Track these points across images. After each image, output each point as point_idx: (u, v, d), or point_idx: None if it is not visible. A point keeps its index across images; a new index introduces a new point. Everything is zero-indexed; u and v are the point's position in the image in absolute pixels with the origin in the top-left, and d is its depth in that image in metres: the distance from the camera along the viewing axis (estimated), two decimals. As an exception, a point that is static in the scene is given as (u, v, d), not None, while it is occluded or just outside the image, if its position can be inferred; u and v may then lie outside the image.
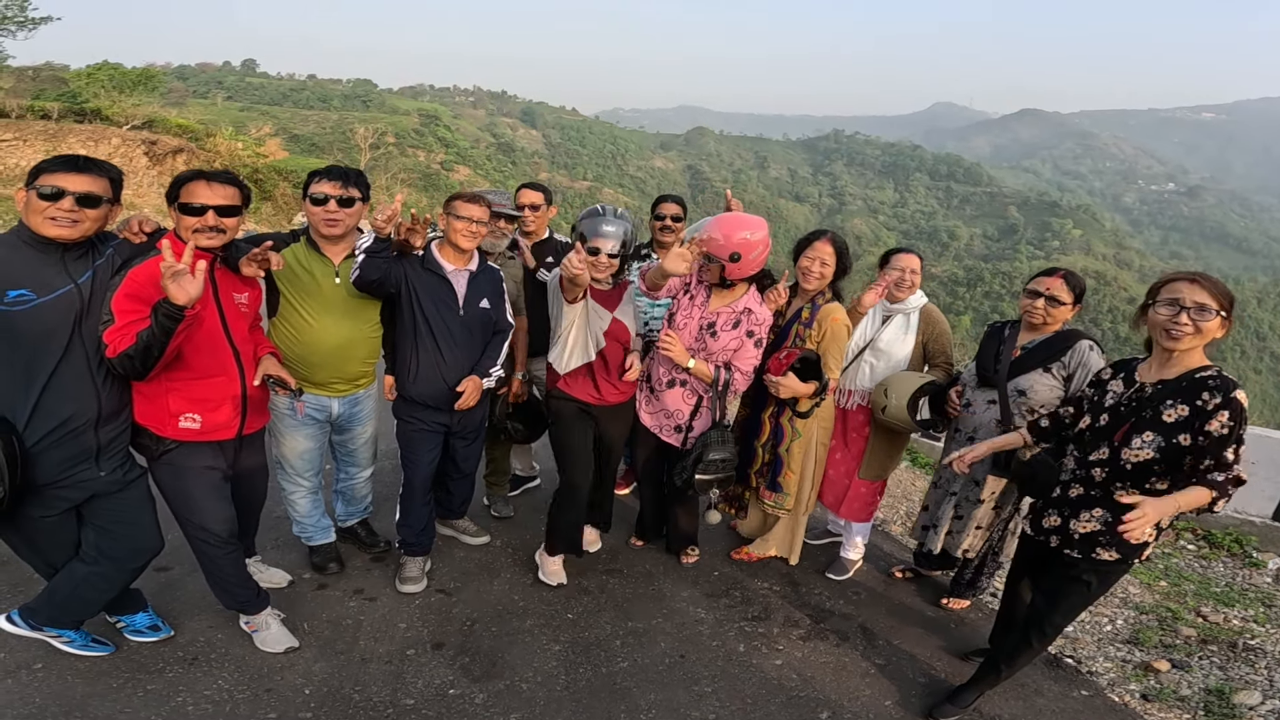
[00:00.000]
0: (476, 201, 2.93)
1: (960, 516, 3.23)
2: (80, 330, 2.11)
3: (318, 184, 2.73)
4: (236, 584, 2.67)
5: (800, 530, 3.63)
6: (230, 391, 2.45)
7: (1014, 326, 3.12)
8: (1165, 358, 2.28)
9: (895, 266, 3.38)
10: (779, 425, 3.35)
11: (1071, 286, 2.94)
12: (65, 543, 2.37)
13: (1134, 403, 2.32)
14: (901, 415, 3.22)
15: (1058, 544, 2.49)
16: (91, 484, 2.26)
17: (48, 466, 2.15)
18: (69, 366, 2.10)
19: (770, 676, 2.89)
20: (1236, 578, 4.32)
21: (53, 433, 2.12)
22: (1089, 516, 2.41)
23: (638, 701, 2.68)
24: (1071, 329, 3.00)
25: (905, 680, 2.95)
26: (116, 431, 2.28)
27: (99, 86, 21.10)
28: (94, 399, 2.17)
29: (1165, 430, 2.21)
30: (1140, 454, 2.25)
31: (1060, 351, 2.92)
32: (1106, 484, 2.37)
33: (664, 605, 3.31)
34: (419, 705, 2.56)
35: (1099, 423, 2.41)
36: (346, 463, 3.27)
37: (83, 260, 2.14)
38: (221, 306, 2.40)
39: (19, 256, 2.03)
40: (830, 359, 3.17)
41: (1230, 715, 2.90)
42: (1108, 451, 2.35)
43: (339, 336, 2.85)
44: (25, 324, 2.01)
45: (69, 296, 2.08)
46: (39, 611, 2.48)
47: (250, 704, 2.51)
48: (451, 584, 3.32)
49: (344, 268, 2.81)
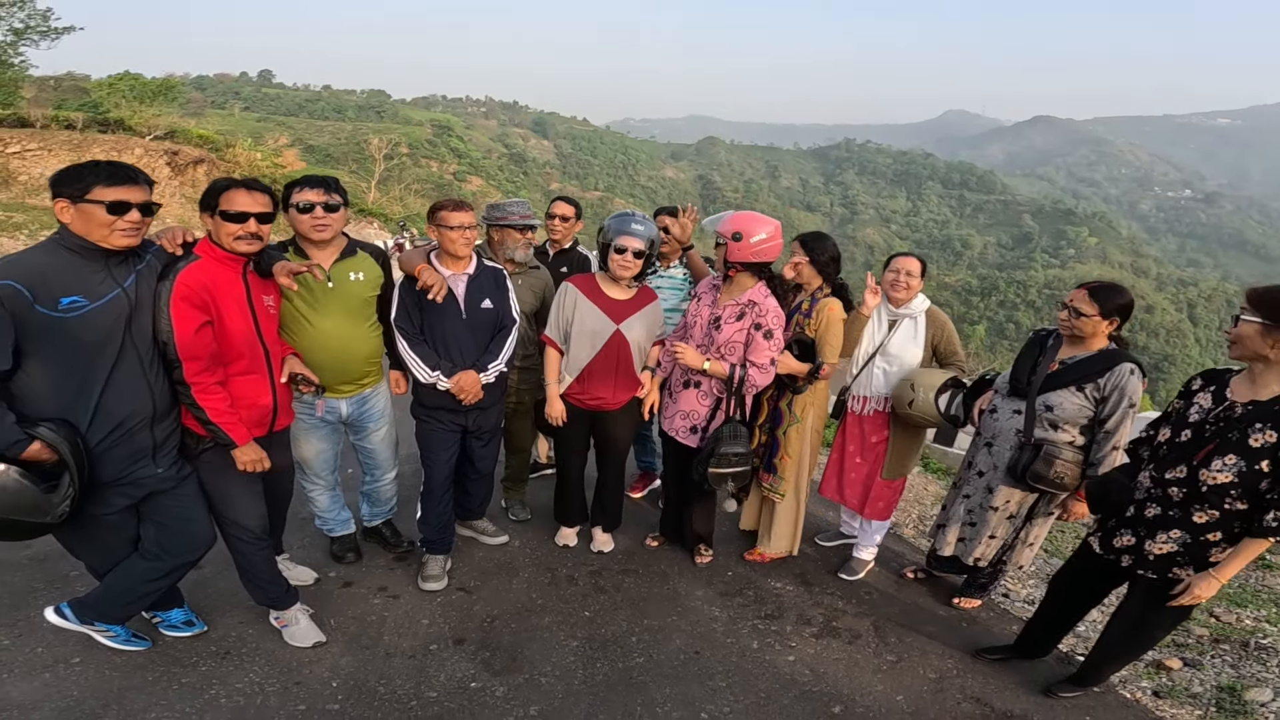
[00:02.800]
0: (461, 208, 3.04)
1: (973, 524, 3.28)
2: (131, 332, 2.21)
3: (300, 193, 2.80)
4: (268, 580, 2.77)
5: (800, 521, 3.72)
6: (264, 389, 2.57)
7: (1057, 337, 3.04)
8: (1260, 375, 2.21)
9: (893, 269, 3.48)
10: (777, 408, 3.49)
11: (1095, 298, 2.84)
12: (124, 540, 2.46)
13: (1221, 422, 2.24)
14: (929, 409, 3.28)
15: (1130, 563, 2.48)
16: (149, 481, 2.35)
17: (110, 465, 2.25)
18: (124, 368, 2.20)
19: (783, 672, 2.95)
20: (1250, 580, 4.35)
21: (113, 432, 2.22)
22: (1165, 538, 2.36)
23: (653, 695, 2.75)
24: (1117, 350, 2.90)
25: (917, 676, 3.00)
26: (170, 429, 2.39)
27: (120, 96, 21.48)
28: (149, 398, 2.27)
29: (1250, 455, 2.15)
30: (1219, 477, 2.20)
31: (1098, 373, 2.84)
32: (1185, 505, 2.31)
33: (679, 604, 3.38)
34: (441, 698, 2.65)
35: (1179, 438, 2.34)
36: (370, 465, 3.38)
37: (125, 265, 2.23)
38: (254, 309, 2.51)
39: (66, 264, 2.11)
40: (826, 345, 3.29)
41: (1241, 712, 2.93)
42: (1185, 470, 2.29)
43: (337, 338, 2.92)
44: (80, 330, 2.10)
45: (118, 301, 2.18)
46: (92, 607, 2.56)
47: (280, 696, 2.60)
48: (472, 582, 3.40)
49: (335, 271, 2.89)
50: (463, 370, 3.06)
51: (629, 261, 3.19)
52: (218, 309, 2.39)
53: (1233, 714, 2.92)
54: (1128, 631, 2.64)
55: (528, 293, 3.57)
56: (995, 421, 3.14)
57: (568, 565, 3.64)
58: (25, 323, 2.01)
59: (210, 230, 2.44)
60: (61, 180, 2.10)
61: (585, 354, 3.30)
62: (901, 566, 3.91)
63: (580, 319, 3.28)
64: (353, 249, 2.99)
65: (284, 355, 2.70)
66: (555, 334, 3.35)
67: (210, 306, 2.37)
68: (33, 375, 2.08)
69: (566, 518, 3.80)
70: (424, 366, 3.02)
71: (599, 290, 3.32)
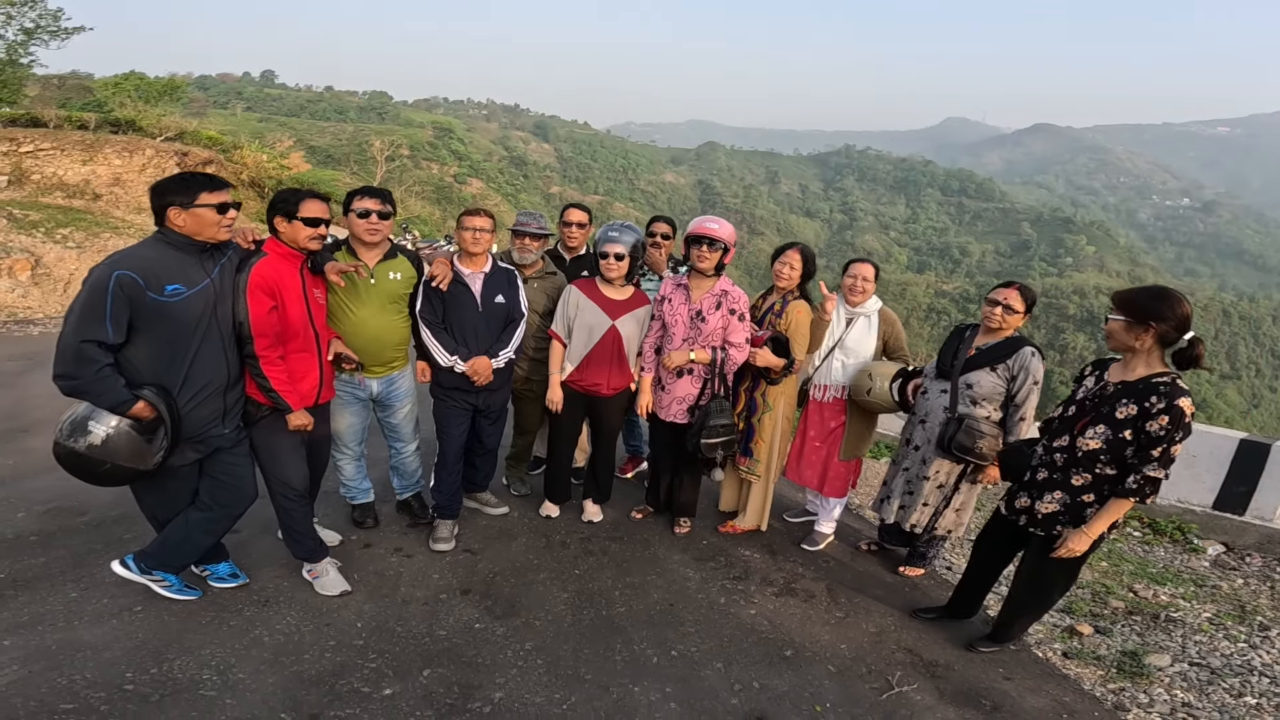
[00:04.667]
0: (476, 214, 3.59)
1: (911, 492, 3.76)
2: (216, 314, 2.71)
3: (360, 201, 3.34)
4: (305, 534, 3.25)
5: (768, 500, 4.22)
6: (313, 366, 3.09)
7: (974, 329, 3.63)
8: (1129, 362, 2.69)
9: (850, 274, 3.95)
10: (753, 399, 3.98)
11: (1024, 297, 3.43)
12: (186, 492, 2.91)
13: (1097, 399, 2.73)
14: (885, 396, 3.77)
15: (1025, 522, 2.93)
16: (216, 439, 2.84)
17: (191, 424, 2.72)
18: (209, 343, 2.69)
19: (745, 622, 3.42)
20: (1175, 561, 4.79)
21: (196, 396, 2.70)
22: (1050, 499, 2.83)
23: (631, 636, 3.21)
24: (1019, 336, 3.49)
25: (859, 630, 3.46)
26: (238, 396, 2.88)
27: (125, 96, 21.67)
28: (225, 368, 2.76)
29: (1116, 425, 2.62)
30: (1091, 444, 2.67)
31: (1007, 354, 3.41)
32: (1065, 469, 2.78)
33: (658, 566, 3.85)
34: (450, 635, 3.10)
35: (1067, 413, 2.83)
36: (393, 438, 3.85)
37: (211, 259, 2.74)
38: (308, 299, 3.03)
39: (168, 257, 2.60)
40: (795, 342, 3.77)
41: (1139, 674, 3.34)
42: (1068, 439, 2.77)
43: (374, 326, 3.43)
44: (179, 312, 2.58)
45: (208, 288, 2.68)
46: (153, 555, 2.99)
47: (314, 634, 3.02)
48: (476, 545, 3.88)
49: (378, 269, 3.42)
50: (477, 356, 3.56)
51: (613, 264, 3.72)
52: (281, 297, 2.90)
53: (1131, 675, 3.33)
54: (1027, 587, 3.11)
55: (542, 295, 4.05)
56: (927, 401, 3.65)
57: (561, 532, 4.12)
58: (139, 306, 2.49)
59: (282, 231, 2.95)
60: (169, 191, 2.59)
61: (584, 345, 3.81)
62: (858, 541, 4.38)
63: (581, 315, 3.80)
64: (394, 252, 3.51)
65: (330, 338, 3.21)
66: (560, 329, 3.85)
67: (276, 294, 2.87)
68: (139, 348, 2.56)
69: (554, 495, 4.29)
70: (443, 351, 3.54)
71: (598, 291, 3.82)
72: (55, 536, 3.56)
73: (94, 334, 2.42)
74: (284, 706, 2.57)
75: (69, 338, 2.42)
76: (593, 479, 4.25)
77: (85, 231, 11.84)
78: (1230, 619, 3.94)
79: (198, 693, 2.59)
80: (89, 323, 2.41)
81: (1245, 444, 4.95)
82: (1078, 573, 3.04)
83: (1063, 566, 2.91)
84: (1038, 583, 3.05)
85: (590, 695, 2.80)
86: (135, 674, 2.64)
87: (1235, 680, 3.35)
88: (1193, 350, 2.54)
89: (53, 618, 2.91)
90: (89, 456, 2.53)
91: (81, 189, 15.05)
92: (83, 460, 2.54)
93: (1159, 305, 2.56)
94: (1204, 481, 5.08)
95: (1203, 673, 3.39)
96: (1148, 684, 3.26)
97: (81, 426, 2.51)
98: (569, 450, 4.18)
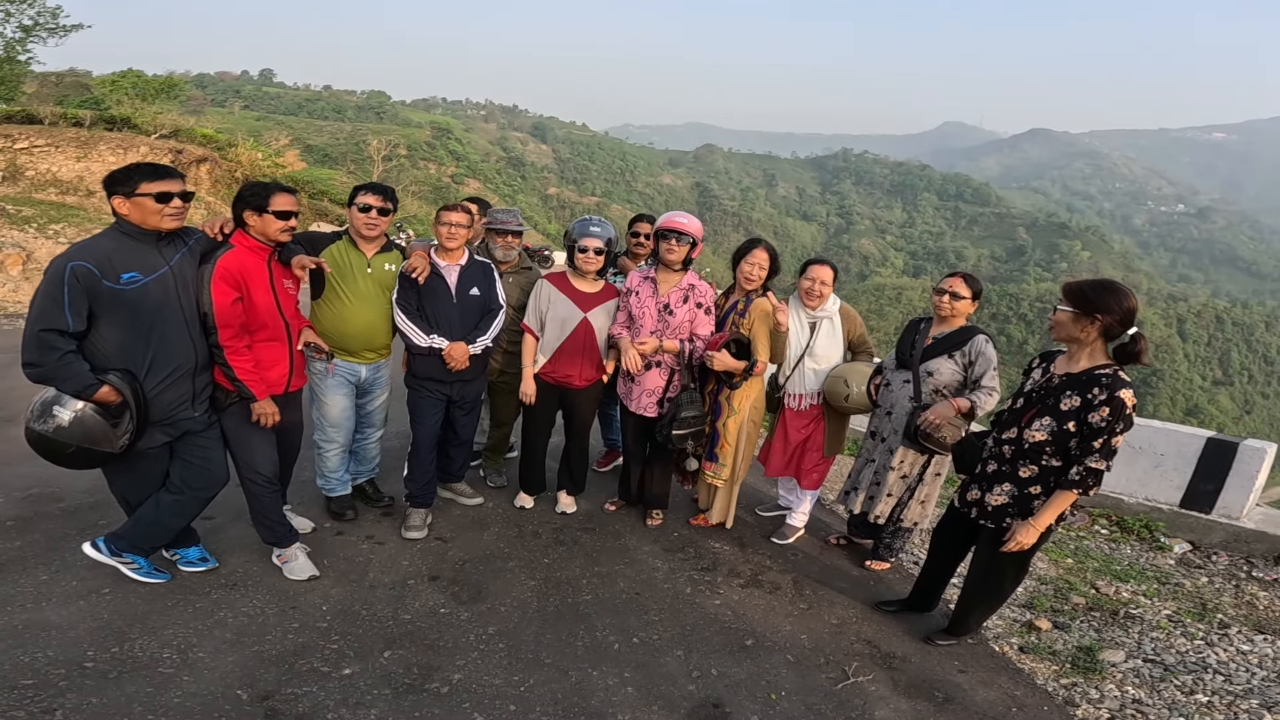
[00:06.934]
0: (453, 210, 3.67)
1: (877, 483, 3.82)
2: (180, 300, 2.77)
3: (364, 196, 3.47)
4: (275, 520, 3.30)
5: (734, 499, 4.27)
6: (282, 355, 3.16)
7: (928, 321, 3.73)
8: (1074, 354, 2.75)
9: (808, 276, 3.94)
10: (718, 402, 4.00)
11: (970, 285, 3.58)
12: (157, 474, 2.97)
13: (1043, 391, 2.78)
14: (863, 400, 3.83)
15: (975, 514, 2.98)
16: (187, 423, 2.90)
17: (159, 407, 2.78)
18: (173, 328, 2.75)
19: (709, 612, 3.47)
20: (1141, 559, 4.83)
21: (163, 380, 2.76)
22: (999, 490, 2.88)
23: (595, 623, 3.27)
24: (973, 325, 3.62)
25: (821, 621, 3.51)
26: (206, 380, 2.95)
27: (123, 93, 21.70)
28: (192, 352, 2.82)
29: (1060, 417, 2.67)
30: (1037, 436, 2.73)
31: (962, 342, 3.55)
32: (1014, 461, 2.83)
33: (627, 556, 3.91)
34: (414, 620, 3.15)
35: (1016, 405, 2.89)
36: (363, 423, 3.92)
37: (171, 246, 2.79)
38: (275, 289, 3.09)
39: (124, 246, 2.67)
40: (759, 342, 3.80)
41: (1093, 669, 3.36)
42: (1016, 431, 2.83)
43: (368, 315, 3.56)
44: (138, 298, 2.65)
45: (166, 275, 2.73)
46: (124, 537, 3.05)
47: (278, 617, 3.07)
48: (448, 533, 3.93)
49: (374, 261, 3.55)
50: (453, 343, 3.63)
51: (591, 258, 3.81)
52: (247, 288, 2.96)
53: (1085, 671, 3.35)
54: (980, 580, 3.16)
55: (517, 289, 4.12)
56: (891, 392, 3.73)
57: (534, 523, 4.17)
58: (96, 294, 2.55)
59: (251, 224, 3.00)
60: (115, 181, 2.65)
61: (556, 337, 3.87)
62: (828, 535, 4.44)
63: (553, 308, 3.86)
64: (390, 246, 3.65)
65: (301, 327, 3.28)
66: (533, 322, 3.91)
67: (242, 285, 2.94)
68: (102, 334, 2.62)
69: (529, 486, 4.36)
70: (419, 332, 3.61)
71: (569, 285, 3.90)
72: (31, 522, 3.61)
73: (54, 323, 2.49)
74: (240, 684, 2.63)
75: (31, 327, 2.51)
76: (566, 470, 4.30)
77: (78, 227, 11.88)
78: (1190, 616, 3.99)
79: (156, 670, 2.64)
80: (48, 312, 2.49)
81: (1212, 442, 5.02)
82: (1028, 564, 3.10)
83: (1013, 558, 2.96)
84: (989, 575, 3.11)
85: (549, 678, 2.85)
86: (96, 652, 2.70)
87: (1188, 677, 3.37)
88: (1134, 346, 2.60)
89: (22, 599, 2.96)
90: (55, 439, 2.59)
91: (75, 185, 15.10)
92: (50, 443, 2.60)
93: (1105, 297, 2.61)
94: (1171, 480, 5.14)
95: (1155, 669, 3.43)
96: (1099, 679, 3.30)
97: (48, 410, 2.58)
98: (543, 442, 4.24)
